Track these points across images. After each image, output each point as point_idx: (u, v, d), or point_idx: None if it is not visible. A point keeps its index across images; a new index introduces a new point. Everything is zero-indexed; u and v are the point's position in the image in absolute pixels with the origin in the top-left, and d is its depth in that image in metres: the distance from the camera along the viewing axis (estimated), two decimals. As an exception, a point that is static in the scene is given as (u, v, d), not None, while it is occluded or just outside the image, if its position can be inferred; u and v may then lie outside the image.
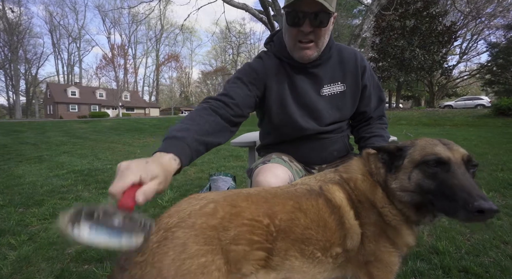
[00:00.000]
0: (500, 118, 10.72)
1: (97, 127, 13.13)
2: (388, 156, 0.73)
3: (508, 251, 1.52)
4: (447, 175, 0.63)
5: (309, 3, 0.88)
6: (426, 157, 0.65)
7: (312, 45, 0.97)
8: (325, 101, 1.06)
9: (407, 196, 0.67)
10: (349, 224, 0.69)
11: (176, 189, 2.91)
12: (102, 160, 4.77)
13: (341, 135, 1.14)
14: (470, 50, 26.54)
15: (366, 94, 1.11)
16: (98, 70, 46.14)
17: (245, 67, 1.06)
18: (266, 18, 8.43)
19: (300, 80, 1.05)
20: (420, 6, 17.12)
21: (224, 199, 0.63)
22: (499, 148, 5.25)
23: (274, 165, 0.98)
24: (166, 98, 58.38)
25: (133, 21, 49.24)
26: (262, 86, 1.04)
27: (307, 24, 0.92)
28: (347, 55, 1.08)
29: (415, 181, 0.66)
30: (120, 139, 8.67)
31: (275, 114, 1.07)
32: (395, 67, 18.17)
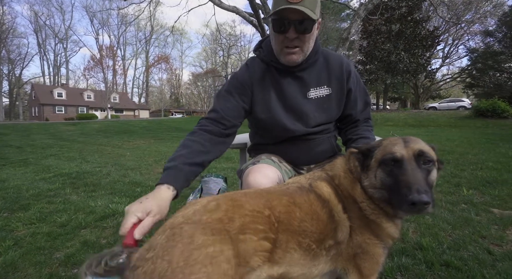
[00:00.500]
0: (480, 119, 11.20)
1: (85, 130, 12.82)
2: (362, 156, 0.78)
3: (485, 245, 1.61)
4: (399, 171, 0.68)
5: (294, 12, 0.93)
6: (384, 156, 0.72)
7: (297, 50, 1.02)
8: (311, 104, 1.10)
9: (377, 193, 0.73)
10: (339, 217, 0.74)
11: (167, 191, 2.89)
12: (91, 163, 4.67)
13: (328, 136, 1.18)
14: (452, 54, 27.62)
15: (351, 98, 1.15)
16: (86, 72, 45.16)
17: (232, 80, 1.13)
18: (256, 21, 8.51)
19: (287, 84, 1.09)
20: (404, 11, 17.72)
21: (223, 197, 0.67)
22: (479, 147, 5.50)
23: (264, 166, 1.02)
24: (156, 100, 57.52)
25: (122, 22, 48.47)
26: (249, 93, 1.10)
27: (292, 31, 0.97)
28: (333, 60, 1.13)
29: (379, 178, 0.72)
30: (109, 141, 8.50)
31: (262, 117, 1.11)
32: (382, 70, 18.67)
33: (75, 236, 1.83)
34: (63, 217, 2.14)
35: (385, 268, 1.40)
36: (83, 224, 2.00)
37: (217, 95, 1.12)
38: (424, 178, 0.67)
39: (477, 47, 21.19)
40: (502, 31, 18.42)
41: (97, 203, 2.48)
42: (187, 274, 0.49)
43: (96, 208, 2.35)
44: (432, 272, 1.37)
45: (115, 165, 4.51)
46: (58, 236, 1.83)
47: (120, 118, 30.32)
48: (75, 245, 1.71)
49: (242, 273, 0.57)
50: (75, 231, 1.91)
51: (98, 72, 42.50)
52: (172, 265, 0.50)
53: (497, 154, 4.72)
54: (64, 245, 1.71)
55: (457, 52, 27.83)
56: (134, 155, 5.79)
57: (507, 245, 1.62)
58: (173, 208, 0.99)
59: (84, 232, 1.90)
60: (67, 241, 1.76)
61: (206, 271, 0.50)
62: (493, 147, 5.55)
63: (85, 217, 2.13)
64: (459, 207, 2.25)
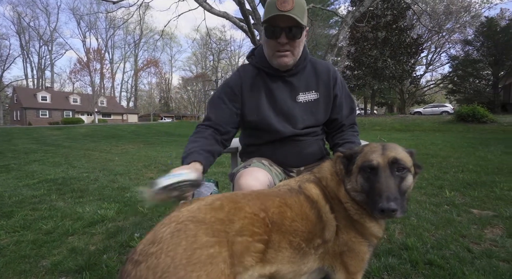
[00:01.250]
0: (461, 124, 11.68)
1: (71, 134, 12.46)
2: (346, 160, 0.84)
3: (465, 244, 1.69)
4: (375, 178, 0.74)
5: (284, 19, 1.02)
6: (363, 163, 0.77)
7: (288, 54, 1.10)
8: (300, 108, 1.17)
9: (358, 196, 0.79)
10: (326, 217, 0.78)
11: (157, 197, 2.87)
12: (78, 168, 4.56)
13: (316, 139, 1.23)
14: (435, 62, 28.74)
15: (337, 103, 1.22)
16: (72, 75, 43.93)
17: (223, 86, 1.20)
18: (246, 26, 8.61)
19: (277, 88, 1.16)
20: (389, 19, 18.42)
21: (225, 197, 0.71)
22: (460, 151, 5.73)
23: (255, 169, 1.05)
24: (145, 104, 56.66)
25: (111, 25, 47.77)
26: (239, 98, 1.17)
27: (283, 36, 1.06)
28: (320, 67, 1.22)
29: (359, 183, 0.78)
30: (97, 146, 8.31)
31: (251, 119, 1.17)
32: (369, 76, 19.22)
33: (62, 243, 1.79)
34: (49, 224, 2.08)
35: (373, 268, 1.45)
36: (71, 231, 1.96)
37: (209, 103, 1.21)
38: (397, 185, 0.73)
39: (458, 55, 22.21)
40: (479, 41, 19.41)
41: (85, 209, 2.43)
42: (189, 271, 0.51)
43: (84, 214, 2.31)
44: (417, 271, 1.43)
45: (103, 170, 4.42)
46: (44, 243, 1.79)
47: (108, 123, 29.65)
48: (62, 253, 1.67)
49: (236, 272, 0.60)
50: (62, 238, 1.86)
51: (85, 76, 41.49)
52: (175, 261, 0.52)
53: (477, 157, 4.94)
54: (50, 253, 1.67)
55: (440, 60, 28.96)
56: (123, 159, 5.69)
57: (485, 243, 1.71)
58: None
59: (72, 239, 1.86)
60: (54, 249, 1.72)
61: (206, 270, 0.53)
62: (473, 150, 5.80)
63: (73, 224, 2.08)
64: (442, 208, 2.35)
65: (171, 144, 9.14)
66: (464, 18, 23.36)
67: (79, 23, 48.92)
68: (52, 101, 35.79)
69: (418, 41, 19.57)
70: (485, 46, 18.69)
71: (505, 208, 2.28)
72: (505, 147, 6.11)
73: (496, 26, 18.36)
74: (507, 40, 17.45)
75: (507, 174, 3.54)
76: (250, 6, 8.62)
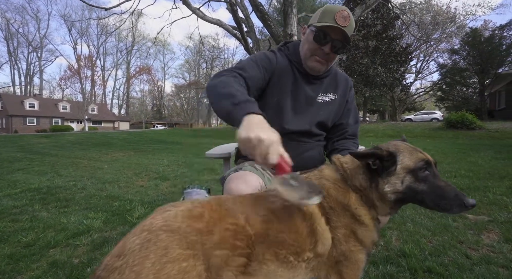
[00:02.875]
0: (451, 130, 11.92)
1: (59, 142, 12.12)
2: (380, 161, 0.78)
3: (463, 250, 1.66)
4: (434, 177, 0.74)
5: (338, 33, 1.06)
6: (419, 163, 0.74)
7: (324, 62, 1.14)
8: (317, 106, 1.21)
9: (394, 196, 0.76)
10: (321, 230, 0.72)
11: (148, 205, 2.76)
12: (65, 177, 4.39)
13: (318, 144, 1.23)
14: (424, 70, 29.63)
15: (346, 108, 1.28)
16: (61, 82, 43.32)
17: (260, 54, 1.18)
18: (239, 34, 8.69)
19: (302, 84, 1.19)
20: (380, 29, 18.96)
21: (208, 203, 0.64)
22: (452, 157, 5.81)
23: (246, 173, 1.01)
24: (137, 111, 56.01)
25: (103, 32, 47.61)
26: (271, 73, 1.15)
27: (328, 46, 1.09)
28: (340, 76, 1.29)
29: (408, 184, 0.74)
30: (86, 154, 8.08)
31: (269, 100, 1.15)
32: (361, 83, 19.59)
33: (42, 257, 1.68)
34: (29, 236, 1.96)
35: (371, 277, 1.40)
36: (53, 243, 1.84)
37: (242, 61, 1.14)
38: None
39: (446, 64, 22.92)
40: (465, 50, 20.11)
41: (70, 219, 2.30)
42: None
43: (69, 225, 2.19)
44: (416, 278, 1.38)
45: (92, 178, 4.27)
46: (22, 257, 1.66)
47: (99, 131, 29.11)
48: (41, 267, 1.56)
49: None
50: (43, 251, 1.74)
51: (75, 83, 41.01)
52: (140, 277, 0.46)
53: (468, 162, 5.00)
54: (29, 267, 1.55)
55: (428, 68, 29.97)
56: (113, 167, 5.53)
57: (483, 249, 1.69)
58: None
59: (53, 252, 1.74)
60: (33, 263, 1.60)
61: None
62: (464, 156, 5.89)
63: (55, 235, 1.96)
64: (438, 213, 2.33)
65: (163, 151, 8.99)
66: (450, 28, 24.31)
67: (70, 29, 48.59)
68: (40, 109, 35.02)
69: (407, 50, 20.15)
70: (471, 55, 19.36)
71: (499, 213, 2.28)
72: (494, 152, 6.23)
73: (480, 37, 19.09)
74: (491, 50, 18.14)
75: (498, 179, 3.58)
76: (243, 14, 8.72)
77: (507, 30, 18.61)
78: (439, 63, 23.90)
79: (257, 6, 7.86)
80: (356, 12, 7.82)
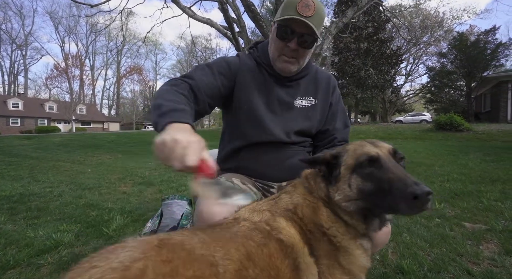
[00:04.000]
0: (440, 132, 12.07)
1: (42, 144, 11.63)
2: (326, 166, 0.69)
3: (464, 264, 1.55)
4: (381, 171, 0.61)
5: (301, 25, 0.93)
6: (359, 159, 0.64)
7: (294, 61, 1.01)
8: (296, 112, 1.07)
9: (352, 205, 0.64)
10: (305, 264, 0.59)
11: (128, 214, 2.57)
12: (42, 182, 4.12)
13: (303, 150, 1.10)
14: (413, 72, 30.14)
15: (330, 112, 1.14)
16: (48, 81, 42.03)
17: (217, 60, 1.07)
18: (231, 34, 8.53)
19: (274, 88, 1.06)
20: (371, 31, 19.22)
21: (157, 251, 0.47)
22: (443, 159, 5.81)
23: None
24: (128, 112, 54.88)
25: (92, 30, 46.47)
26: (232, 80, 1.03)
27: (294, 42, 0.96)
28: (321, 75, 1.15)
29: (356, 186, 0.63)
30: (69, 157, 7.75)
31: (242, 106, 1.04)
32: (353, 85, 19.78)
33: (-3, 280, 1.47)
34: (-13, 254, 1.74)
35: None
36: (12, 263, 1.62)
37: (195, 67, 1.03)
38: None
39: (434, 67, 23.32)
40: (453, 53, 20.50)
41: (38, 233, 2.09)
42: None
43: (35, 240, 1.97)
44: (416, 300, 1.26)
45: (71, 184, 4.02)
46: (-26, 281, 1.46)
47: (87, 132, 28.30)
48: (-6, 293, 1.36)
49: None
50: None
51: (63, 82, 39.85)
52: None
53: (459, 165, 4.99)
54: (-21, 294, 1.35)
55: (418, 71, 30.42)
56: (96, 171, 5.27)
57: (484, 262, 1.58)
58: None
59: (11, 274, 1.53)
60: (-15, 288, 1.40)
61: None
62: (454, 158, 5.90)
63: (17, 253, 1.75)
64: (433, 221, 2.23)
65: (151, 153, 8.70)
66: (438, 32, 24.83)
67: (57, 27, 47.29)
68: (25, 109, 33.82)
69: (397, 53, 20.48)
70: (458, 58, 19.74)
71: (496, 221, 2.20)
72: (483, 154, 6.27)
73: (466, 41, 19.50)
74: (477, 54, 18.55)
75: (490, 182, 3.55)
76: (235, 14, 8.58)
77: (491, 35, 19.11)
78: (428, 66, 24.36)
79: (249, 6, 7.73)
80: (348, 14, 7.79)
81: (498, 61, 18.80)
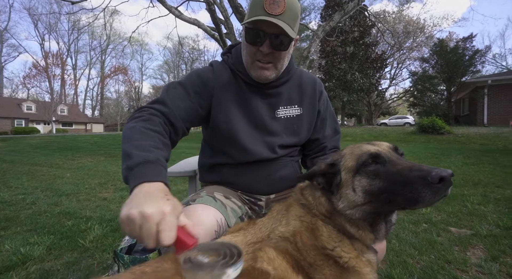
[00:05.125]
0: (423, 135, 12.47)
1: (18, 146, 11.01)
2: (324, 178, 0.65)
3: (453, 272, 1.53)
4: (388, 165, 0.59)
5: (271, 25, 0.82)
6: (360, 158, 0.61)
7: (270, 66, 0.90)
8: (280, 124, 0.98)
9: (358, 212, 0.60)
10: None
11: (107, 223, 2.42)
12: (14, 189, 3.85)
13: (291, 160, 1.02)
14: (397, 76, 31.13)
15: (319, 120, 1.06)
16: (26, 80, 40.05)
17: (192, 75, 0.95)
18: (218, 35, 8.44)
19: (254, 99, 0.96)
20: (357, 35, 19.70)
21: None
22: (426, 162, 5.95)
23: (199, 207, 0.80)
24: (113, 113, 53.27)
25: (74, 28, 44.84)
26: (209, 97, 0.93)
27: (266, 44, 0.86)
28: (306, 79, 1.04)
29: (361, 189, 0.59)
30: (47, 160, 7.35)
31: (222, 127, 0.94)
32: (339, 88, 20.15)
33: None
34: None
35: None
36: (-30, 284, 1.47)
37: (168, 87, 0.91)
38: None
39: (417, 71, 24.18)
40: (434, 59, 21.35)
41: (4, 247, 1.91)
42: None
43: (0, 255, 1.80)
44: (407, 313, 1.22)
45: (47, 190, 3.78)
46: None
47: (69, 133, 27.19)
48: None
49: None
50: (-45, 296, 1.37)
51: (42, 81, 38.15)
52: None
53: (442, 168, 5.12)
54: None
55: (401, 75, 31.53)
56: (76, 176, 5.01)
57: (471, 270, 1.58)
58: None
59: (-32, 297, 1.38)
60: None
61: None
62: (437, 161, 6.06)
63: (-23, 272, 1.58)
64: (420, 227, 2.23)
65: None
66: (420, 38, 25.78)
67: (36, 24, 45.27)
68: (0, 109, 32.09)
69: (382, 57, 21.08)
70: (439, 64, 20.56)
71: (480, 225, 2.23)
72: (464, 157, 6.49)
73: (446, 47, 20.37)
74: (456, 59, 19.40)
75: (472, 185, 3.64)
76: (222, 16, 8.49)
77: (469, 42, 20.07)
78: (411, 71, 25.23)
79: (237, 8, 7.67)
80: (335, 18, 7.90)
81: (475, 67, 19.75)
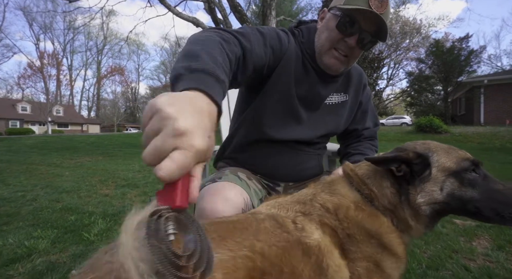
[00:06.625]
0: (420, 134, 12.58)
1: (13, 146, 10.88)
2: (407, 166, 0.62)
3: (460, 261, 1.55)
4: (487, 180, 0.59)
5: (371, 21, 0.79)
6: (462, 163, 0.59)
7: (345, 60, 0.87)
8: (326, 110, 0.98)
9: (429, 209, 0.59)
10: (336, 267, 0.52)
11: (110, 217, 2.40)
12: (13, 186, 3.80)
13: (318, 154, 1.03)
14: (394, 77, 31.34)
15: (360, 111, 1.06)
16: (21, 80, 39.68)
17: (271, 30, 0.85)
18: (218, 34, 8.42)
19: (316, 83, 0.92)
20: (354, 36, 19.81)
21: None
22: (426, 159, 6.00)
23: (226, 185, 0.78)
24: (109, 114, 52.91)
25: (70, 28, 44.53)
26: (278, 60, 0.85)
27: (355, 38, 0.82)
28: (354, 71, 1.04)
29: (450, 191, 0.58)
30: (44, 160, 7.27)
31: (272, 100, 0.88)
32: (338, 88, 20.26)
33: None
34: None
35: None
36: (-25, 275, 1.44)
37: (247, 28, 0.80)
38: None
39: (413, 71, 24.42)
40: (430, 59, 21.56)
41: (7, 241, 1.88)
42: None
43: (4, 248, 1.77)
44: (419, 299, 1.23)
45: (47, 187, 3.74)
46: None
47: (64, 134, 26.93)
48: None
49: None
50: (-40, 288, 1.35)
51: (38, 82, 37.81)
52: None
53: (442, 164, 5.17)
54: None
55: (398, 75, 31.73)
56: (75, 174, 4.96)
57: (479, 259, 1.59)
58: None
59: (-26, 288, 1.36)
60: None
61: None
62: (436, 158, 6.11)
63: (-19, 264, 1.56)
64: (425, 219, 2.25)
65: (134, 156, 8.37)
66: (417, 38, 26.02)
67: (31, 24, 44.84)
68: (-5, 110, 31.76)
69: (379, 57, 21.21)
70: (435, 64, 20.77)
71: (484, 216, 2.25)
72: (462, 154, 6.56)
73: (442, 47, 20.59)
74: (452, 59, 19.62)
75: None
76: (221, 15, 8.49)
77: (465, 42, 20.31)
78: (407, 71, 25.45)
79: (235, 7, 7.68)
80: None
81: (471, 67, 19.97)
